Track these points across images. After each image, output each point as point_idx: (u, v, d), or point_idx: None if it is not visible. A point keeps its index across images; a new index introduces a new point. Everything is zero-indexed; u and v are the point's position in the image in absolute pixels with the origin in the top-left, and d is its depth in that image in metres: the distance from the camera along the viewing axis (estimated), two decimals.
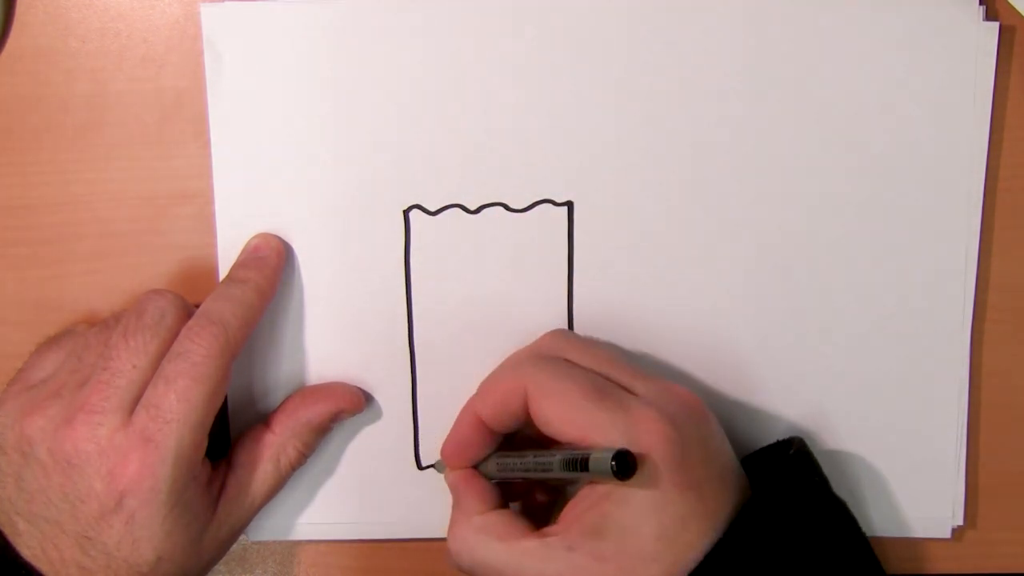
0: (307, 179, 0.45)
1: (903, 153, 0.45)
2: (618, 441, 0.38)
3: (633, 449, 0.37)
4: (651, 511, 0.38)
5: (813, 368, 0.46)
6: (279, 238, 0.45)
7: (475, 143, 0.45)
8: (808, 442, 0.43)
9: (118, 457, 0.39)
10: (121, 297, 0.46)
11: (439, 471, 0.46)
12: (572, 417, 0.39)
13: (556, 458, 0.39)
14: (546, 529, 0.40)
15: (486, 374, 0.46)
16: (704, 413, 0.41)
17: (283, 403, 0.45)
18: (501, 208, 0.45)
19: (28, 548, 0.39)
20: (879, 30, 0.44)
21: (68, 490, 0.39)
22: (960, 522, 0.47)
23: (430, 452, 0.47)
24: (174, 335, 0.41)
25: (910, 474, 0.46)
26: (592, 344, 0.43)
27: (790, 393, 0.46)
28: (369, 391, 0.46)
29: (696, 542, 0.38)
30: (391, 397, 0.46)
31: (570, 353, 0.42)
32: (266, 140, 0.45)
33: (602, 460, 0.37)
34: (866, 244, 0.45)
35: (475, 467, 0.44)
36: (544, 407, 0.40)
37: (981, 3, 0.44)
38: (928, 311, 0.45)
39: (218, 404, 0.41)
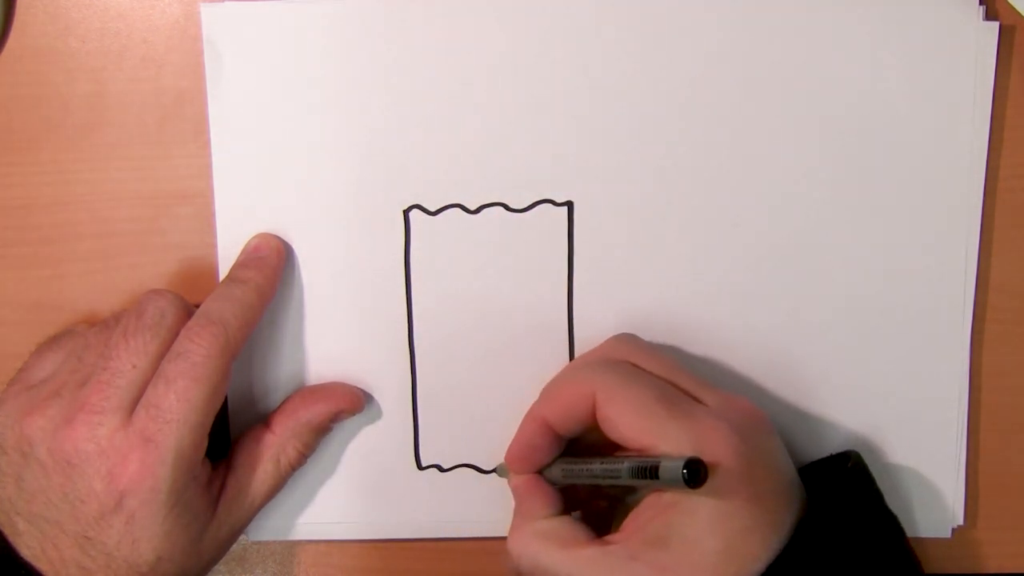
0: (307, 179, 0.45)
1: (903, 153, 0.45)
2: (686, 450, 0.38)
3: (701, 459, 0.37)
4: (717, 523, 0.38)
5: (813, 368, 0.46)
6: (279, 238, 0.45)
7: (475, 143, 0.45)
8: (809, 442, 0.44)
9: (118, 457, 0.39)
10: (121, 297, 0.46)
11: (501, 476, 0.46)
12: (641, 423, 0.39)
13: (625, 465, 0.39)
14: (607, 538, 0.40)
15: (486, 374, 0.46)
16: (769, 426, 0.41)
17: (283, 403, 0.45)
18: (501, 208, 0.45)
19: (28, 548, 0.39)
20: (879, 30, 0.44)
21: (68, 490, 0.39)
22: (960, 522, 0.47)
23: (430, 452, 0.47)
24: (174, 335, 0.41)
25: (910, 474, 0.46)
26: (658, 350, 0.43)
27: (789, 392, 0.46)
28: (369, 391, 0.46)
29: (759, 555, 0.38)
30: (391, 397, 0.46)
31: (637, 358, 0.42)
32: (266, 140, 0.45)
33: (673, 468, 0.36)
34: (866, 244, 0.45)
35: (539, 472, 0.44)
36: (612, 412, 0.40)
37: (981, 3, 0.44)
38: (928, 311, 0.45)
39: (218, 404, 0.41)
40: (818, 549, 0.39)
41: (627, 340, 0.44)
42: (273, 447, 0.44)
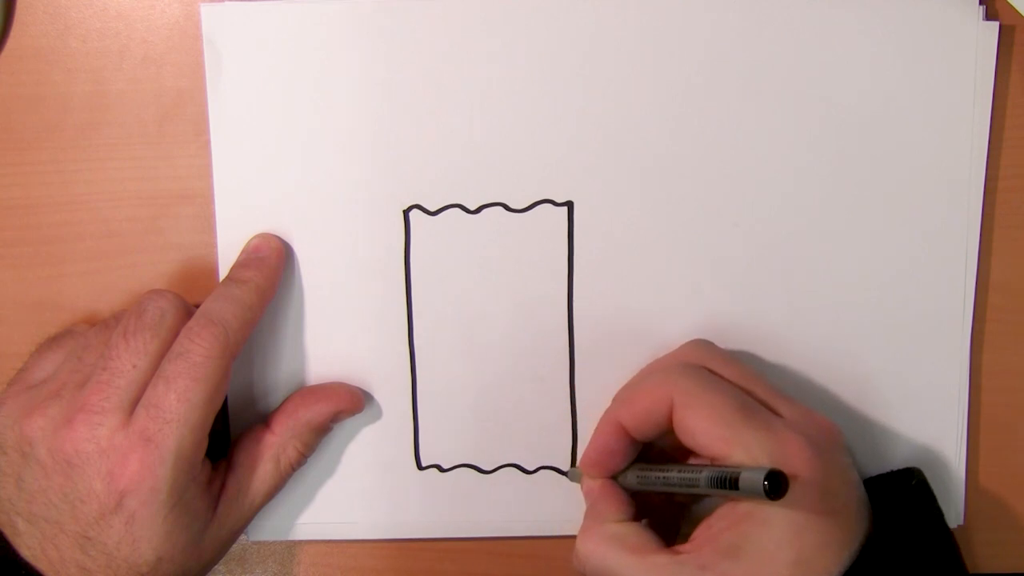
0: (307, 179, 0.45)
1: (903, 153, 0.45)
2: (764, 461, 0.38)
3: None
4: (792, 536, 0.38)
5: (813, 368, 0.46)
6: (279, 238, 0.45)
7: (475, 143, 0.45)
8: None
9: (118, 457, 0.39)
10: (121, 297, 0.46)
11: (573, 480, 0.46)
12: (718, 431, 0.39)
13: (703, 475, 0.39)
14: (678, 547, 0.40)
15: (486, 374, 0.46)
16: (842, 441, 0.41)
17: (283, 403, 0.45)
18: (501, 208, 0.45)
19: (28, 548, 0.39)
20: (879, 30, 0.44)
21: (68, 490, 0.39)
22: (960, 522, 0.47)
23: (430, 452, 0.47)
24: (174, 335, 0.41)
25: None
26: (735, 358, 0.43)
27: (788, 391, 0.46)
28: (369, 391, 0.46)
29: (831, 569, 0.38)
30: (391, 397, 0.46)
31: (714, 364, 0.42)
32: (266, 140, 0.45)
33: (754, 479, 0.36)
34: (866, 244, 0.45)
35: (613, 477, 0.44)
36: (689, 418, 0.40)
37: (981, 3, 0.44)
38: (928, 311, 0.45)
39: (218, 404, 0.41)
40: (885, 567, 0.39)
41: (704, 345, 0.44)
42: (273, 447, 0.44)
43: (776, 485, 0.36)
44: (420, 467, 0.47)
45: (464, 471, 0.47)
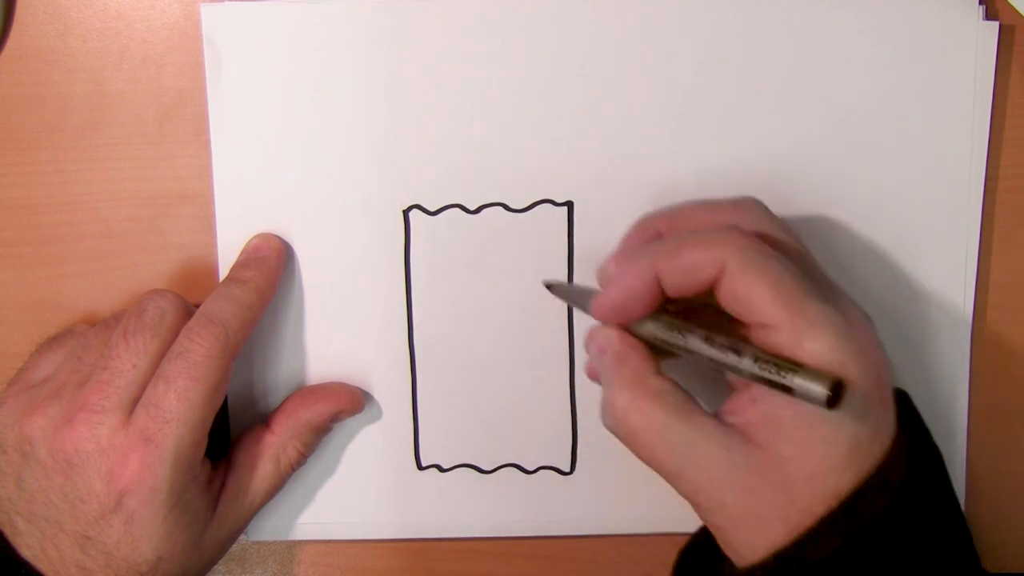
0: (307, 179, 0.45)
1: (903, 153, 0.45)
2: (830, 335, 0.35)
3: (846, 347, 0.35)
4: (853, 421, 0.36)
5: None
6: (279, 238, 0.45)
7: (475, 143, 0.45)
8: None
9: (118, 457, 0.39)
10: (121, 297, 0.46)
11: (556, 293, 0.44)
12: (783, 303, 0.35)
13: (746, 360, 0.36)
14: (720, 413, 0.38)
15: (486, 374, 0.46)
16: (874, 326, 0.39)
17: (283, 403, 0.45)
18: (501, 208, 0.45)
19: (28, 547, 0.39)
20: (879, 30, 0.44)
21: (68, 490, 0.39)
22: None
23: (430, 452, 0.47)
24: (174, 335, 0.41)
25: None
26: (791, 230, 0.40)
27: None
28: (369, 391, 0.46)
29: (877, 456, 0.36)
30: (391, 397, 0.46)
31: (769, 227, 0.39)
32: (266, 140, 0.45)
33: (813, 388, 0.34)
34: (866, 244, 0.45)
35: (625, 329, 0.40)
36: (746, 286, 0.36)
37: (981, 3, 0.44)
38: (928, 311, 0.45)
39: (218, 404, 0.41)
40: (912, 460, 0.37)
41: (760, 209, 0.40)
42: (273, 447, 0.44)
43: (837, 396, 0.34)
44: (420, 467, 0.47)
45: (464, 471, 0.47)
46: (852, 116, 0.44)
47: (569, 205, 0.45)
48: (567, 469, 0.47)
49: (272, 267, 0.44)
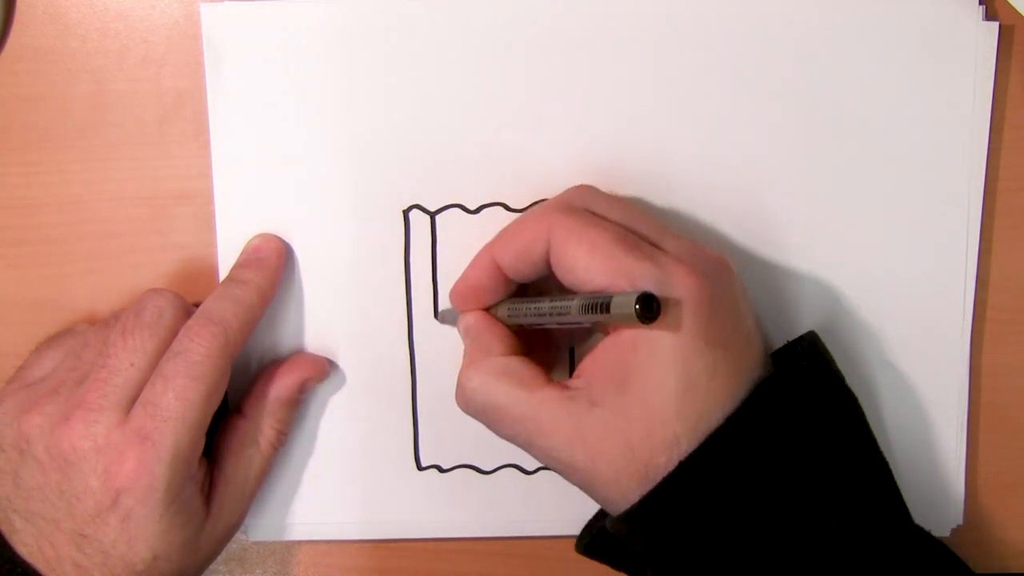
0: (307, 179, 0.45)
1: (903, 153, 0.45)
2: (649, 289, 0.36)
3: (666, 296, 0.36)
4: (679, 363, 0.37)
5: None
6: (279, 238, 0.45)
7: (475, 143, 0.45)
8: None
9: (115, 455, 0.39)
10: (121, 297, 0.46)
11: (443, 322, 0.45)
12: (598, 264, 0.38)
13: (575, 302, 0.38)
14: (566, 381, 0.39)
15: None
16: (732, 272, 0.40)
17: (250, 386, 0.45)
18: (501, 208, 0.45)
19: (24, 545, 0.39)
20: (879, 30, 0.44)
21: (65, 487, 0.39)
22: (960, 522, 0.47)
23: (430, 452, 0.47)
24: (173, 334, 0.41)
25: (910, 474, 0.46)
26: (619, 198, 0.42)
27: None
28: (369, 391, 0.46)
29: (720, 400, 0.37)
30: (391, 397, 0.46)
31: (597, 206, 0.41)
32: (266, 140, 0.45)
33: (626, 302, 0.35)
34: (866, 244, 0.45)
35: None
36: (569, 253, 0.38)
37: (981, 3, 0.44)
38: (928, 311, 0.45)
39: (216, 404, 0.41)
40: (779, 408, 0.38)
41: (587, 189, 0.42)
42: (250, 431, 0.44)
43: (649, 307, 0.35)
44: (420, 467, 0.47)
45: (464, 471, 0.47)
46: (852, 116, 0.44)
47: None
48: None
49: (272, 267, 0.44)
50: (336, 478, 0.47)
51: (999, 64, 0.44)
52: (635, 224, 0.40)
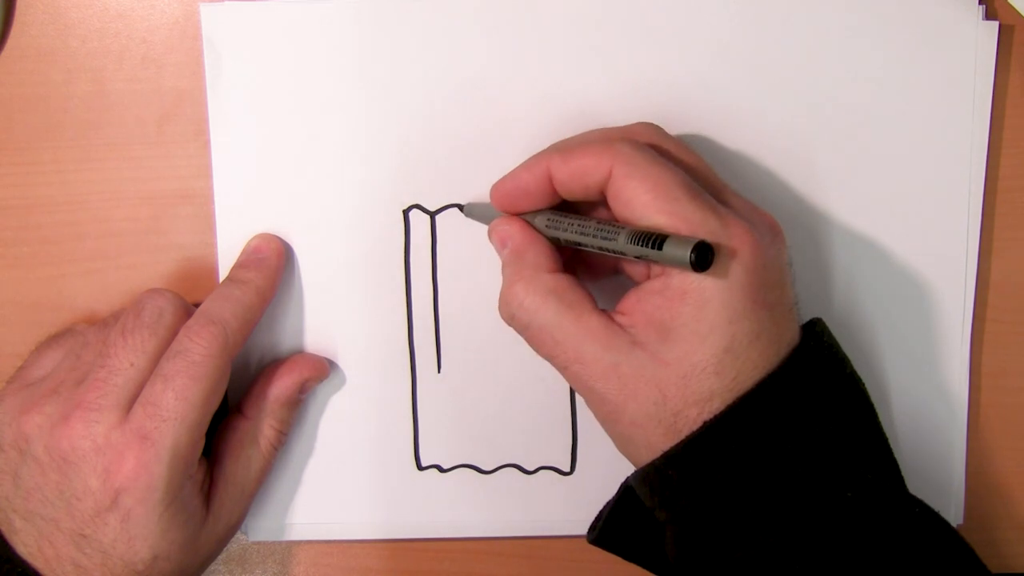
0: (307, 179, 0.45)
1: (903, 153, 0.45)
2: (703, 236, 0.36)
3: (719, 250, 0.36)
4: (727, 322, 0.36)
5: None
6: (279, 238, 0.45)
7: (475, 143, 0.45)
8: None
9: (114, 454, 0.39)
10: (121, 297, 0.46)
11: (468, 215, 0.44)
12: (659, 204, 0.37)
13: (625, 229, 0.37)
14: (612, 313, 0.39)
15: (486, 374, 0.46)
16: (783, 239, 0.40)
17: (250, 386, 0.45)
18: None
19: (24, 545, 0.39)
20: (879, 30, 0.44)
21: (64, 487, 0.39)
22: (960, 522, 0.47)
23: (430, 452, 0.47)
24: (172, 334, 0.41)
25: (910, 474, 0.46)
26: (685, 145, 0.41)
27: None
28: (369, 391, 0.46)
29: (759, 363, 0.37)
30: (391, 397, 0.46)
31: (664, 145, 0.40)
32: (266, 140, 0.45)
33: (682, 244, 0.35)
34: (866, 244, 0.45)
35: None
36: (630, 188, 0.37)
37: (981, 3, 0.44)
38: (928, 311, 0.45)
39: (216, 403, 0.41)
40: (810, 378, 0.38)
41: (655, 128, 0.41)
42: (250, 431, 0.44)
43: (704, 256, 0.35)
44: (420, 467, 0.47)
45: (464, 471, 0.47)
46: (852, 115, 0.44)
47: None
48: (567, 469, 0.47)
49: (272, 268, 0.44)
50: (336, 478, 0.47)
51: (999, 64, 0.44)
52: (700, 174, 0.40)
